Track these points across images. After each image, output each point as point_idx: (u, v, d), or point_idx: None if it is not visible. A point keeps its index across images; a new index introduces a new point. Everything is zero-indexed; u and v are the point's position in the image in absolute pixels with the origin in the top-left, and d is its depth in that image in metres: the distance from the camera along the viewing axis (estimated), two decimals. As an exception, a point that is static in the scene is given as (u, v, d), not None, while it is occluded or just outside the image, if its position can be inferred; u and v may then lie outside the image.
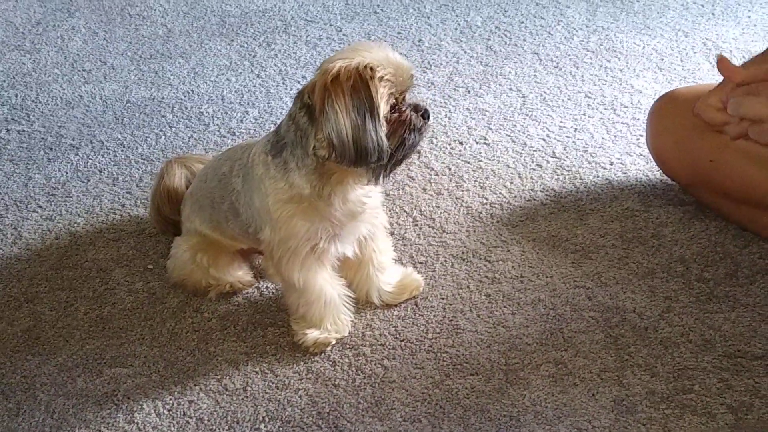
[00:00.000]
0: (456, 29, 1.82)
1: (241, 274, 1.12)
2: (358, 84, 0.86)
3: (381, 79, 0.87)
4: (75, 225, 1.29)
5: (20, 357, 1.06)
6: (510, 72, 1.63)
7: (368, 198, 0.99)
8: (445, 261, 1.16)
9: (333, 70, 0.87)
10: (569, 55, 1.67)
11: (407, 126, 0.91)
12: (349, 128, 0.86)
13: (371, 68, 0.87)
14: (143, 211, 1.30)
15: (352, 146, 0.87)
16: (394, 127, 0.90)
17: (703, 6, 1.86)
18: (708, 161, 1.12)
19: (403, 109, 0.91)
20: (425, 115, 0.93)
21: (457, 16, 1.88)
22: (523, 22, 1.83)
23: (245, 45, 1.81)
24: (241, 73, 1.69)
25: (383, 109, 0.88)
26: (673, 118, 1.16)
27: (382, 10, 1.93)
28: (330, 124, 0.87)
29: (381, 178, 0.93)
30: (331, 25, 1.87)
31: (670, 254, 1.14)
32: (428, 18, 1.88)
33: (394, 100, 0.90)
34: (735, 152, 1.10)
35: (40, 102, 1.63)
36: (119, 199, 1.33)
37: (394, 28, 1.85)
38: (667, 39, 1.71)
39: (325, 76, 0.87)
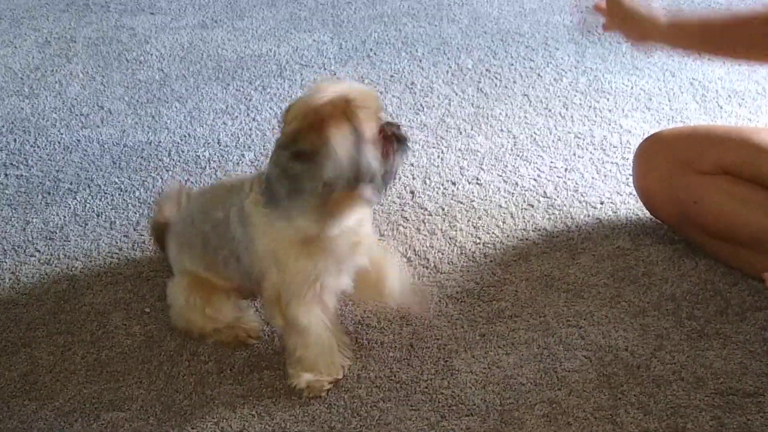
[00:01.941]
0: (447, 72, 1.86)
1: (242, 317, 1.13)
2: (342, 117, 0.90)
3: (358, 107, 0.92)
4: (73, 269, 1.30)
5: (17, 402, 1.07)
6: (501, 113, 1.66)
7: (362, 227, 1.03)
8: (440, 301, 1.17)
9: (315, 111, 0.91)
10: (559, 96, 1.71)
11: (392, 142, 0.96)
12: (346, 159, 0.90)
13: (347, 100, 0.91)
14: (140, 254, 1.32)
15: (351, 173, 0.91)
16: (384, 146, 0.94)
17: (688, 47, 1.90)
18: (692, 202, 1.14)
19: (384, 128, 0.95)
20: (399, 129, 0.98)
21: (448, 59, 1.92)
22: (513, 65, 1.87)
23: (241, 89, 1.84)
24: (237, 116, 1.72)
25: (369, 133, 0.92)
26: (658, 159, 1.19)
27: (375, 53, 1.97)
28: (330, 160, 0.90)
29: (381, 193, 0.97)
30: (325, 69, 1.91)
31: (660, 292, 1.16)
32: (420, 61, 1.92)
33: (373, 123, 0.94)
34: (719, 192, 1.13)
35: (38, 147, 1.66)
36: (116, 242, 1.35)
37: (387, 71, 1.89)
38: (654, 79, 1.75)
39: (308, 120, 0.91)
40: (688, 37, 1.14)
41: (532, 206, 1.36)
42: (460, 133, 1.60)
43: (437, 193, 1.42)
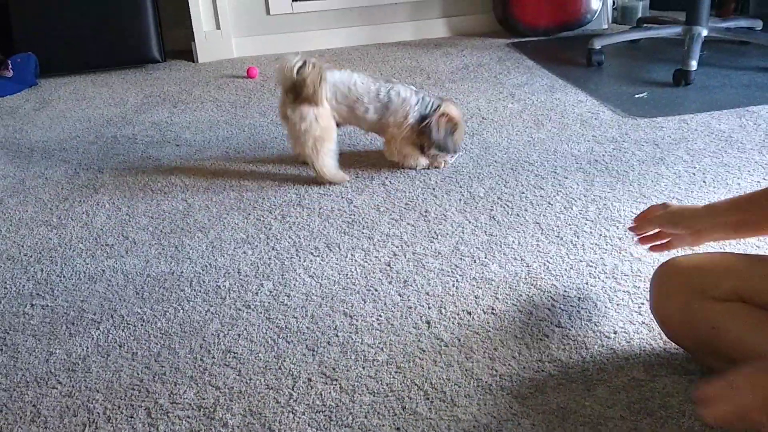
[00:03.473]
0: (460, 200, 1.92)
1: None
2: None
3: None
4: (93, 401, 1.32)
5: None
6: (513, 241, 1.71)
7: None
8: (457, 435, 1.17)
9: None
10: (569, 225, 1.76)
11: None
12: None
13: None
14: (160, 386, 1.33)
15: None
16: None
17: (694, 174, 1.96)
18: (710, 328, 1.16)
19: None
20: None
21: (460, 187, 1.99)
22: (523, 193, 1.93)
23: (261, 218, 1.90)
24: (257, 245, 1.77)
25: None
26: (674, 285, 1.22)
27: (390, 182, 2.05)
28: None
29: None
30: (342, 198, 1.98)
31: (678, 425, 1.15)
32: (434, 189, 1.99)
33: None
34: (735, 318, 1.15)
35: (64, 276, 1.71)
36: (138, 374, 1.37)
37: (401, 199, 1.95)
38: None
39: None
40: (724, 213, 1.25)
41: (547, 336, 1.38)
42: (474, 261, 1.64)
43: (453, 323, 1.44)
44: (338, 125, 2.17)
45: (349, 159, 2.22)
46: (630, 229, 1.41)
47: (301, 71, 1.95)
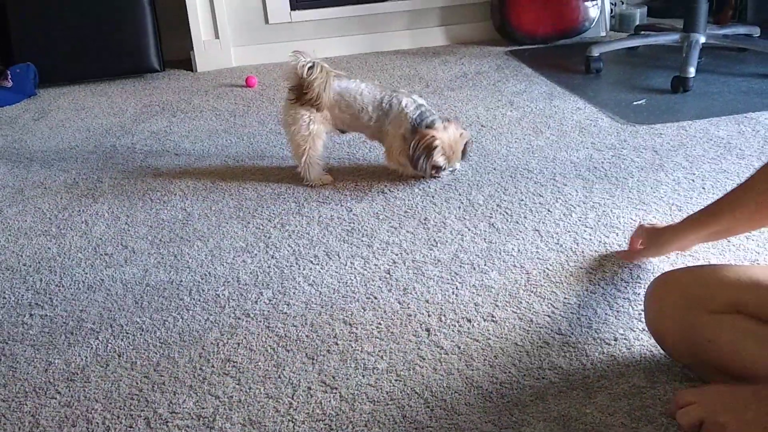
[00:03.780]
0: (459, 207, 1.92)
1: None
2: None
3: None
4: (92, 411, 1.31)
5: None
6: (513, 249, 1.71)
7: None
8: (458, 444, 1.17)
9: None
10: (569, 232, 1.76)
11: None
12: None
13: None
14: (159, 395, 1.33)
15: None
16: None
17: (693, 181, 1.96)
18: (707, 341, 1.16)
19: None
20: None
21: (459, 194, 1.99)
22: (522, 200, 1.93)
23: (261, 226, 1.90)
24: (256, 254, 1.77)
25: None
26: (670, 299, 1.21)
27: (389, 190, 2.05)
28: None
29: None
30: (342, 206, 1.98)
31: (680, 433, 1.15)
32: (433, 197, 1.99)
33: None
34: (732, 331, 1.14)
35: (63, 286, 1.70)
36: (137, 383, 1.37)
37: (400, 207, 1.95)
38: (661, 213, 1.80)
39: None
40: (696, 223, 1.36)
41: (548, 344, 1.38)
42: (474, 269, 1.64)
43: (453, 330, 1.44)
44: (343, 132, 2.18)
45: (347, 167, 2.22)
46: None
47: (310, 73, 1.96)
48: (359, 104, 2.06)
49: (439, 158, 1.99)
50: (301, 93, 2.02)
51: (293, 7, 3.59)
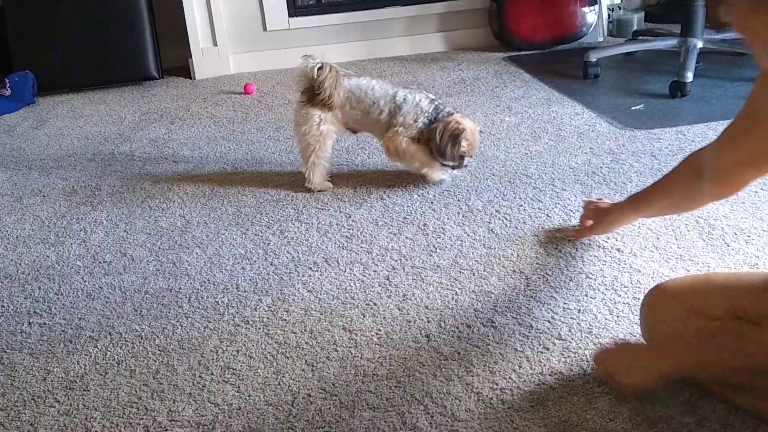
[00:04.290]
0: (458, 213, 1.92)
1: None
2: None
3: None
4: (91, 419, 1.31)
5: None
6: (512, 254, 1.71)
7: None
8: (458, 450, 1.16)
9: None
10: (568, 237, 1.75)
11: None
12: None
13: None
14: (159, 403, 1.32)
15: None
16: None
17: (692, 185, 1.96)
18: (708, 348, 1.15)
19: None
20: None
21: (458, 200, 1.99)
22: (521, 206, 1.93)
23: (259, 233, 1.90)
24: (255, 261, 1.77)
25: None
26: (669, 309, 1.21)
27: (388, 196, 2.05)
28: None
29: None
30: (341, 212, 1.98)
31: (681, 438, 1.15)
32: (432, 203, 1.99)
33: None
34: (732, 337, 1.14)
35: (61, 294, 1.70)
36: (136, 391, 1.36)
37: (399, 213, 1.95)
38: (661, 218, 1.80)
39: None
40: (636, 205, 1.54)
41: (548, 349, 1.37)
42: (473, 274, 1.64)
43: (453, 336, 1.43)
44: (354, 132, 2.19)
45: (346, 173, 2.22)
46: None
47: (320, 73, 1.98)
48: (370, 99, 2.08)
49: (465, 145, 2.01)
50: (313, 94, 2.04)
51: (291, 14, 3.60)
